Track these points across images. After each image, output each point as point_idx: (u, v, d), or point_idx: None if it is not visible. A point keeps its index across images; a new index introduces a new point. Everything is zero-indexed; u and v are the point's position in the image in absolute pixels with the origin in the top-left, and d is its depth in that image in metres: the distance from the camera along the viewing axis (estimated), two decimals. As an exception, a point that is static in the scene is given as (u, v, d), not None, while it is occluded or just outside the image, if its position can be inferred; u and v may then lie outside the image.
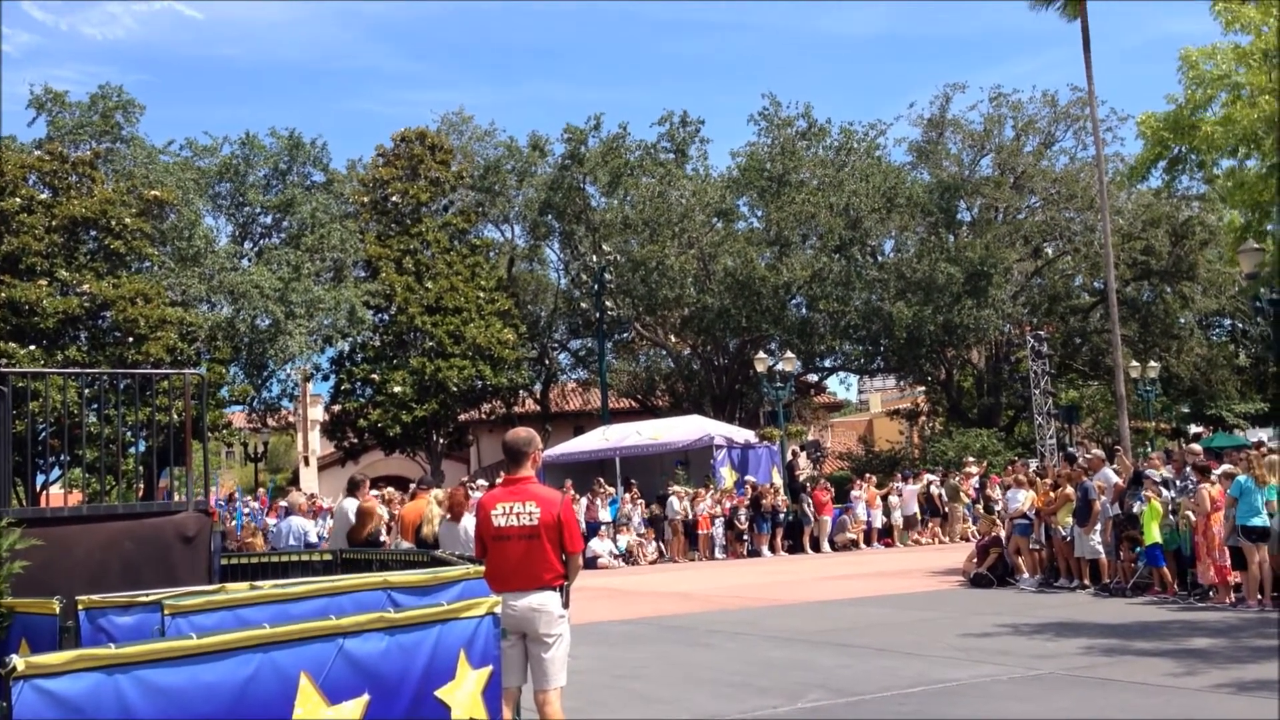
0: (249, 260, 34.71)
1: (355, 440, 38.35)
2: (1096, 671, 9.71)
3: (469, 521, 9.49)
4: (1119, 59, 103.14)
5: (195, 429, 9.00)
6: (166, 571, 6.99)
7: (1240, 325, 43.92)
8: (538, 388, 44.50)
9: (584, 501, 25.41)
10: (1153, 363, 37.41)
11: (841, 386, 59.87)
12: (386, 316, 37.66)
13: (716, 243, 38.95)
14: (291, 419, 44.08)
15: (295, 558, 9.64)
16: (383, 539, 13.39)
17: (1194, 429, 40.69)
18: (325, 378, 39.36)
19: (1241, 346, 43.71)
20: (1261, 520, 13.50)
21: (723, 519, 26.24)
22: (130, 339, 28.11)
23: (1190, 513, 14.57)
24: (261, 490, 31.84)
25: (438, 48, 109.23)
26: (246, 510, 26.63)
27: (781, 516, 26.68)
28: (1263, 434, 26.97)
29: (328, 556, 9.41)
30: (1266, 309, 32.45)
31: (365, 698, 4.43)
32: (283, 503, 21.00)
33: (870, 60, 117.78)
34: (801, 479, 29.30)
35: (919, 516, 28.33)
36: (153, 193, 30.40)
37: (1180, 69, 21.06)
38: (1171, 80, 21.46)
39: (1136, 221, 38.54)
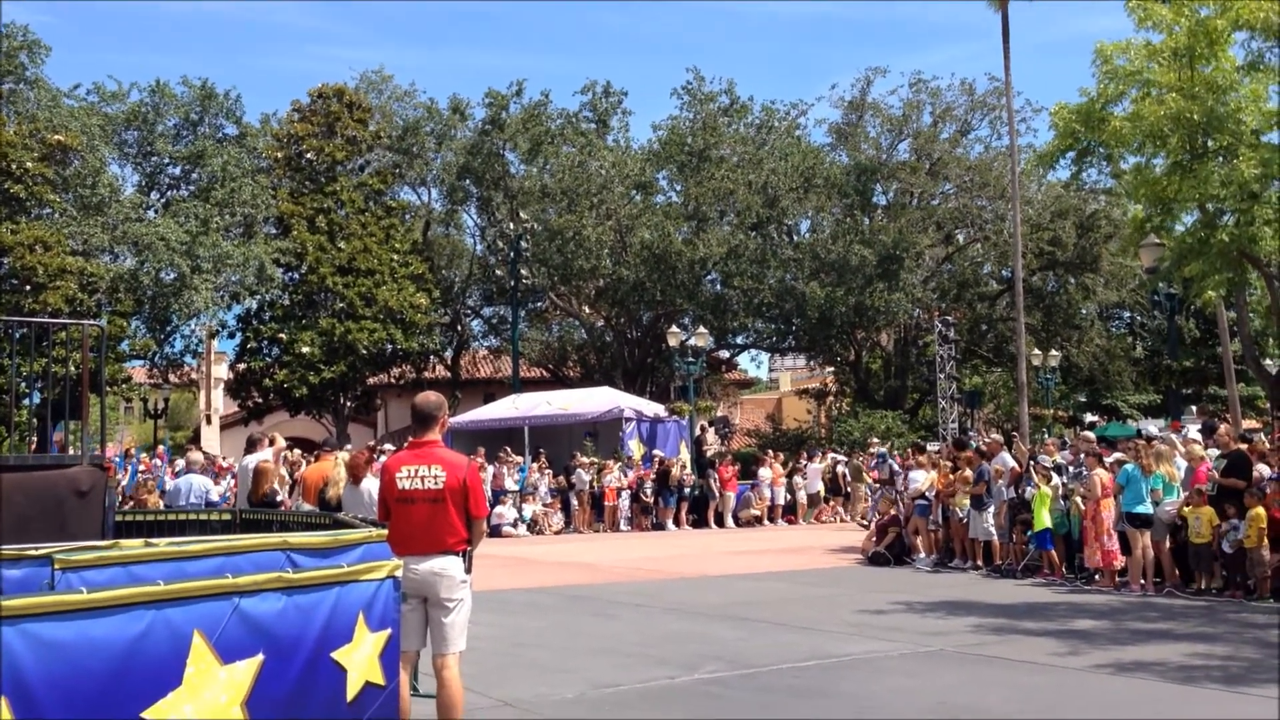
0: (155, 211, 33.81)
1: (260, 400, 37.71)
2: (984, 649, 10.00)
3: (371, 484, 9.42)
4: (1037, 52, 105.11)
5: (93, 382, 8.79)
6: (58, 526, 6.83)
7: (1138, 318, 45.31)
8: (449, 354, 44.20)
9: (491, 470, 25.34)
10: (1054, 352, 38.43)
11: (752, 364, 60.58)
12: (297, 275, 37.01)
13: (634, 215, 38.95)
14: (195, 376, 43.21)
15: (193, 516, 9.50)
16: (279, 499, 13.20)
17: (1090, 418, 41.90)
18: (231, 335, 38.66)
19: (1139, 339, 45.11)
20: (1146, 508, 13.99)
21: (629, 491, 26.38)
22: (28, 287, 27.28)
23: (1080, 498, 15.03)
24: (160, 447, 31.15)
25: (359, 5, 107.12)
26: (144, 468, 26.05)
27: (687, 491, 26.90)
28: (1152, 425, 27.85)
29: (226, 516, 9.29)
30: (1163, 303, 33.58)
31: (259, 657, 4.40)
32: (180, 461, 20.59)
33: (795, 40, 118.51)
34: (709, 454, 29.56)
35: (823, 495, 28.79)
36: (56, 137, 29.43)
37: (1094, 62, 21.52)
38: (1087, 76, 21.96)
39: (1045, 212, 39.43)
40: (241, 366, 38.39)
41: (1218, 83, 19.76)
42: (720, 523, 26.97)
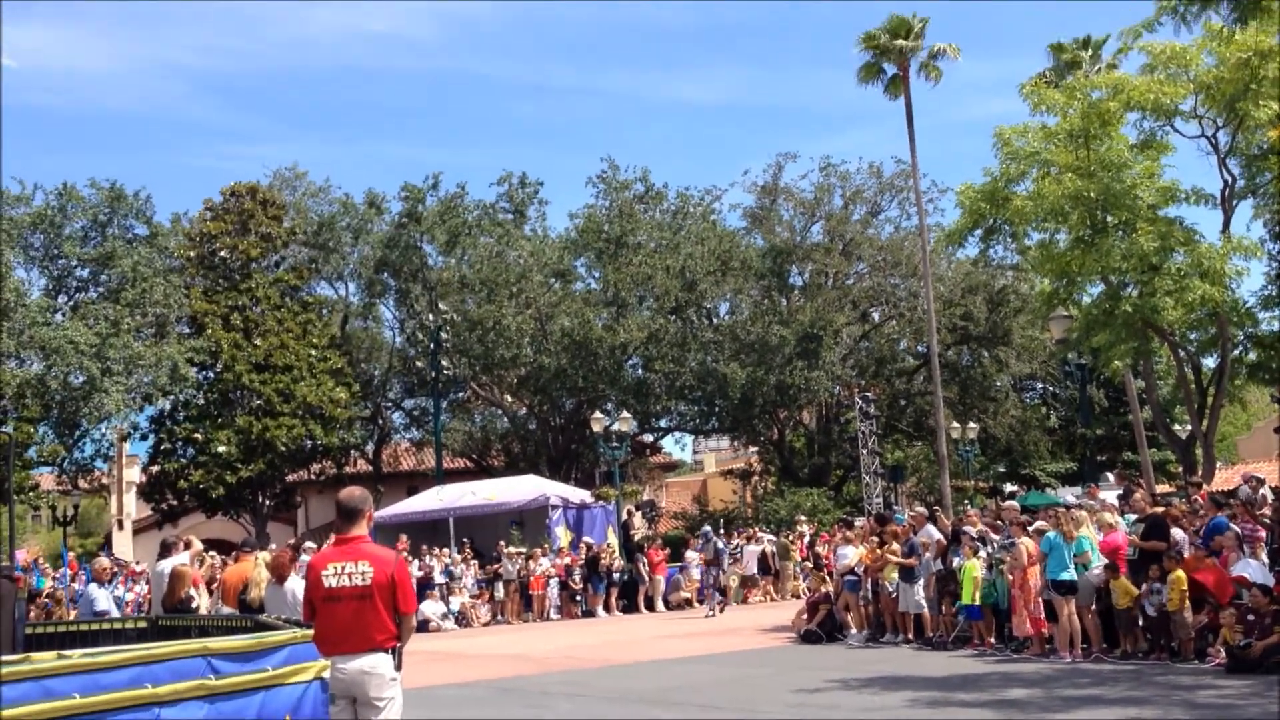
0: (63, 315, 33.11)
1: (175, 503, 36.77)
2: (921, 723, 9.97)
3: (295, 584, 9.20)
4: (940, 134, 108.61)
5: None
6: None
7: (1051, 389, 46.33)
8: (370, 447, 43.61)
9: (416, 563, 24.89)
10: (972, 424, 39.07)
11: (677, 446, 60.50)
12: (212, 374, 36.39)
13: (554, 303, 39.08)
14: (105, 481, 41.98)
15: (107, 626, 9.18)
16: (194, 603, 12.81)
17: (1009, 487, 42.54)
18: (144, 437, 37.64)
19: (1052, 409, 46.09)
20: (1070, 574, 14.17)
21: (558, 579, 26.07)
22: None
23: (1007, 568, 15.17)
24: (71, 555, 30.13)
25: (270, 104, 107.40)
26: (54, 577, 25.14)
27: (616, 576, 26.66)
28: (1069, 493, 28.37)
29: (142, 624, 8.99)
30: (1074, 373, 34.46)
31: (183, 769, 4.23)
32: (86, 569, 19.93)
33: (707, 127, 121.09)
34: (636, 539, 29.38)
35: (756, 576, 28.68)
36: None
37: (995, 145, 22.31)
38: (989, 156, 22.72)
39: (957, 289, 40.35)
40: (155, 469, 37.41)
41: (1113, 161, 20.57)
42: (651, 607, 26.72)
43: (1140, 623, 13.86)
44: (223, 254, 37.20)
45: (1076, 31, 33.32)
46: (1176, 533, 14.21)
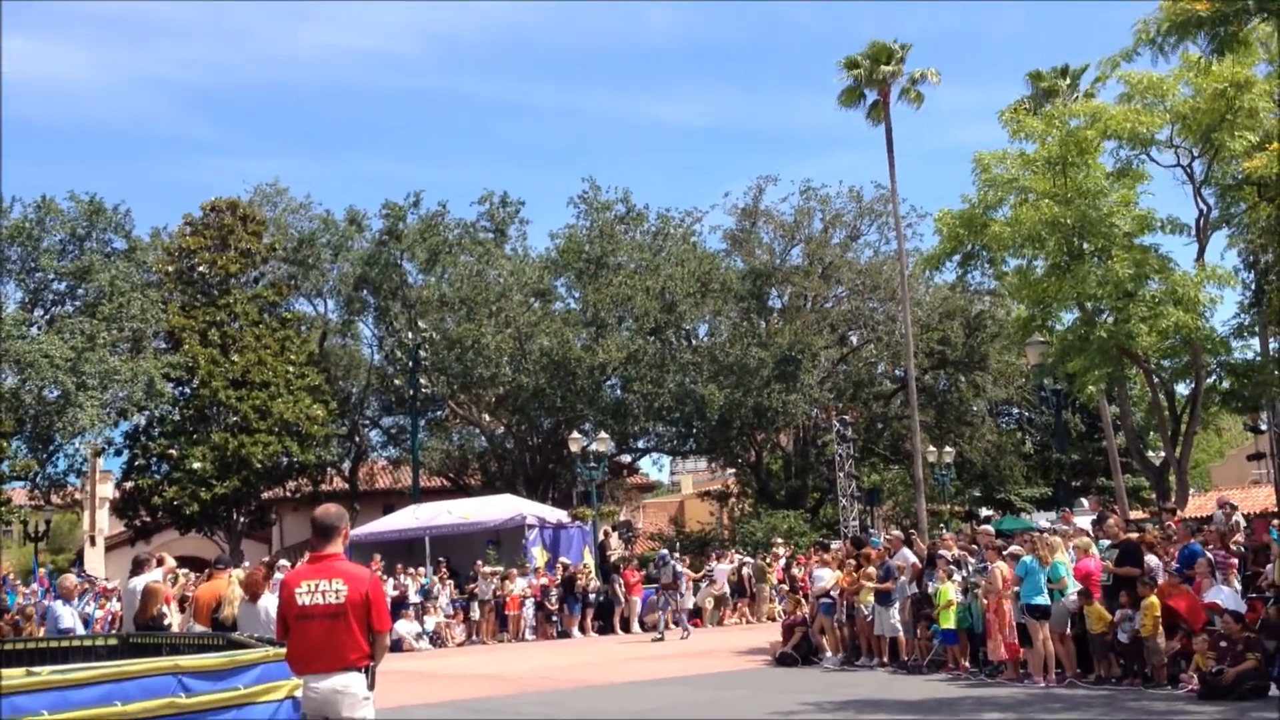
0: (39, 328, 32.88)
1: (148, 519, 36.45)
2: (895, 747, 9.97)
3: (269, 601, 9.13)
4: (920, 160, 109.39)
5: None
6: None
7: (1026, 414, 46.57)
8: (346, 465, 43.40)
9: (391, 581, 24.77)
10: (948, 448, 39.23)
11: (654, 468, 60.51)
12: (188, 390, 36.16)
13: (533, 322, 39.08)
14: (79, 496, 41.61)
15: (77, 643, 9.10)
16: (167, 621, 12.69)
17: (985, 512, 42.69)
18: (118, 453, 37.32)
19: (1027, 434, 46.33)
20: (1044, 599, 14.21)
21: (533, 599, 25.97)
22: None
23: (982, 592, 15.21)
24: (42, 571, 29.81)
25: (253, 119, 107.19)
26: (25, 592, 24.88)
27: (593, 597, 26.59)
28: (1043, 518, 28.48)
29: (113, 640, 8.92)
30: (1049, 398, 34.66)
31: (151, 788, 4.20)
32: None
33: (688, 149, 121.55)
34: (613, 559, 29.31)
35: (728, 596, 28.64)
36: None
37: (974, 170, 22.45)
38: (968, 182, 22.91)
39: (934, 313, 40.57)
40: (129, 484, 37.12)
41: (1089, 189, 20.74)
42: (626, 628, 26.64)
43: (1114, 648, 13.92)
44: (202, 269, 37.07)
45: (1055, 60, 33.66)
46: (1150, 559, 14.30)
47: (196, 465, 34.54)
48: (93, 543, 42.00)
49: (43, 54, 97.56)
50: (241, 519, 37.28)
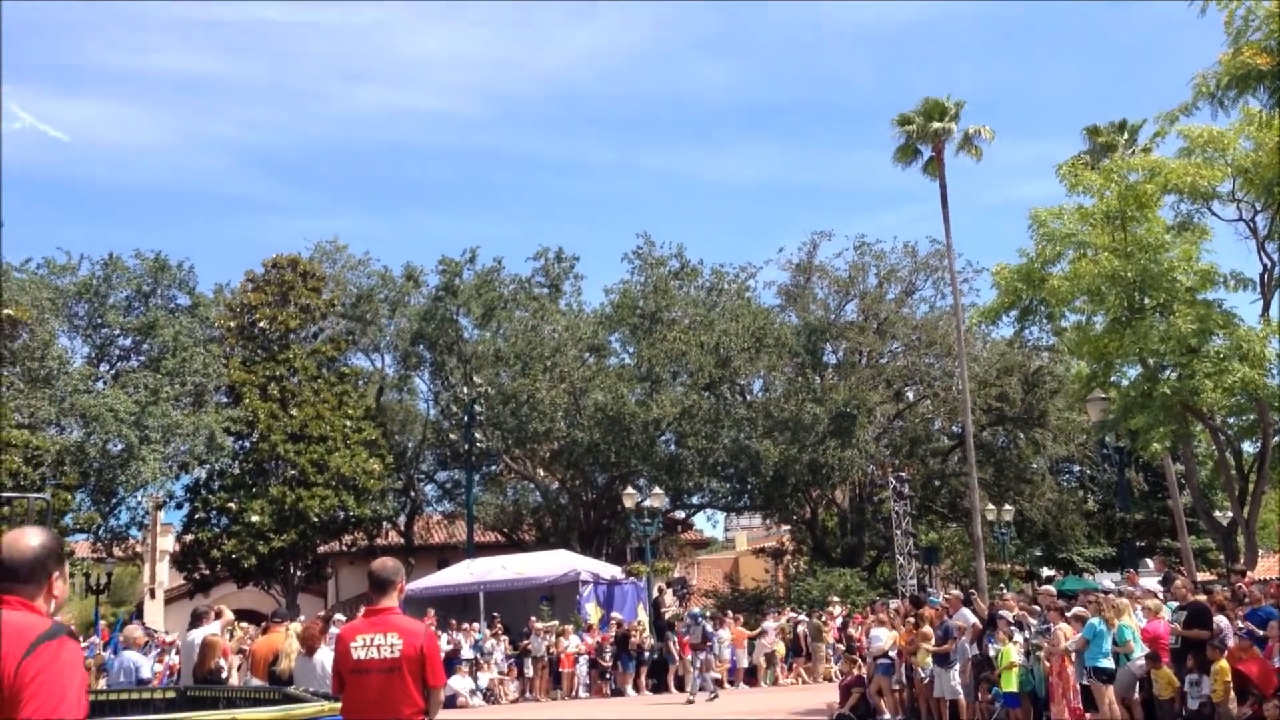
0: (104, 383, 33.57)
1: (207, 572, 36.80)
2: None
3: (325, 655, 9.14)
4: (976, 215, 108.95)
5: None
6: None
7: (1088, 472, 45.72)
8: (402, 519, 43.57)
9: (445, 637, 24.74)
10: (1007, 506, 38.56)
11: (708, 524, 60.13)
12: (248, 444, 36.62)
13: (588, 378, 39.17)
14: (139, 549, 42.13)
15: (134, 695, 9.15)
16: (224, 674, 12.74)
17: (1046, 571, 41.85)
18: (178, 506, 37.83)
19: (1089, 492, 45.43)
20: (1109, 663, 13.87)
21: (587, 656, 25.79)
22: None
23: (1045, 654, 14.88)
24: (103, 624, 30.13)
25: (314, 177, 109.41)
26: (86, 645, 25.14)
27: (646, 655, 26.34)
28: (1107, 579, 27.86)
29: (171, 694, 8.96)
30: (1112, 456, 34.04)
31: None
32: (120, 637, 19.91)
33: (742, 205, 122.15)
34: (667, 616, 29.07)
35: (782, 655, 28.24)
36: (5, 311, 29.34)
37: (1031, 226, 22.31)
38: (1024, 237, 22.72)
39: (992, 369, 40.12)
40: (189, 537, 37.53)
41: (1150, 243, 20.51)
42: (681, 686, 26.31)
43: (1182, 715, 13.52)
44: (262, 324, 37.67)
45: (1111, 116, 33.42)
46: (1220, 621, 13.90)
47: (255, 518, 34.87)
48: (153, 595, 42.43)
49: (109, 116, 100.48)
50: (298, 572, 37.51)
